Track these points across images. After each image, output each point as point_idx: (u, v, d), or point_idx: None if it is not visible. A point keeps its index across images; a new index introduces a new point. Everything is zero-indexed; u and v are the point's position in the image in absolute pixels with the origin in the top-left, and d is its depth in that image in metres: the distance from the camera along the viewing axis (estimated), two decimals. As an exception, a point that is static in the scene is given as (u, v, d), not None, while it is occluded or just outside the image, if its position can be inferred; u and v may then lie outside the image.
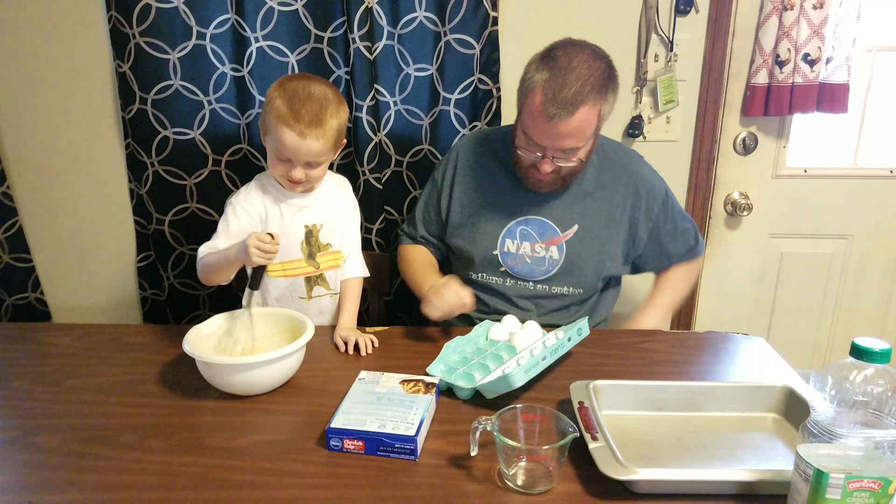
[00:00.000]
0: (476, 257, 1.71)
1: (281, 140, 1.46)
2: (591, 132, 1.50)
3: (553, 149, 1.50)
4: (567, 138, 1.47)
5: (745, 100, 2.16)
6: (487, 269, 1.71)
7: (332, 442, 1.14)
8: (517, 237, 1.68)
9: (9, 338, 1.61)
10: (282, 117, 1.45)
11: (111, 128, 2.13)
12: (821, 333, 2.46)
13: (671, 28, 2.06)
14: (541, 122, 1.46)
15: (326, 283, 1.68)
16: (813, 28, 1.99)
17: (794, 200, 2.30)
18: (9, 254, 2.18)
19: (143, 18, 1.91)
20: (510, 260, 1.69)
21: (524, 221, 1.68)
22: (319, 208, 1.63)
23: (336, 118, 1.50)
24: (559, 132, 1.46)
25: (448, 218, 1.77)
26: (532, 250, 1.68)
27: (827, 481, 0.87)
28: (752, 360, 1.50)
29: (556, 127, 1.45)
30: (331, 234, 1.65)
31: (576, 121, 1.44)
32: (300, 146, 1.46)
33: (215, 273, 1.51)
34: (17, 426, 1.22)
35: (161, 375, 1.41)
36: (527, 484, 1.05)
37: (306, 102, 1.45)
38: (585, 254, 1.67)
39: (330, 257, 1.66)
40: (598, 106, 1.46)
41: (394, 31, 1.97)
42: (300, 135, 1.45)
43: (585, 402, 1.18)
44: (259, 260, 1.38)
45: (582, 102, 1.43)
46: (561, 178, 1.59)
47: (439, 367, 1.41)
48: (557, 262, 1.67)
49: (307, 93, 1.47)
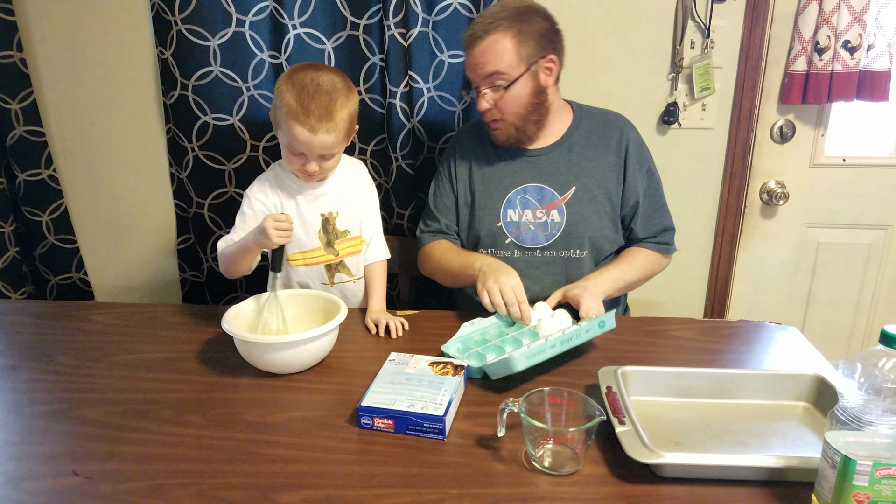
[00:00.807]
0: (482, 232, 1.75)
1: (293, 136, 1.46)
2: (510, 59, 1.59)
3: (480, 79, 1.63)
4: (485, 63, 1.60)
5: (782, 87, 2.13)
6: (495, 242, 1.74)
7: (362, 420, 1.16)
8: (518, 206, 1.72)
9: (54, 316, 1.66)
10: (292, 112, 1.44)
11: (153, 113, 2.18)
12: (857, 325, 2.42)
13: (708, 14, 2.03)
14: (466, 54, 1.64)
15: (348, 269, 1.69)
16: (854, 14, 1.95)
17: (831, 190, 2.26)
18: (54, 235, 2.25)
19: (185, 6, 1.95)
20: (514, 229, 1.72)
21: (522, 189, 1.73)
22: (335, 196, 1.63)
23: (346, 108, 1.49)
24: (475, 56, 1.61)
25: (456, 201, 1.81)
26: (534, 217, 1.72)
27: (854, 468, 0.86)
28: (785, 350, 1.49)
29: (472, 52, 1.61)
30: (348, 221, 1.66)
31: (487, 44, 1.58)
32: (312, 141, 1.46)
33: (235, 264, 1.54)
34: (62, 399, 1.28)
35: (199, 353, 1.45)
36: (553, 466, 1.06)
37: (315, 96, 1.45)
38: (586, 213, 1.71)
39: (349, 244, 1.67)
40: (509, 34, 1.58)
41: (428, 17, 1.98)
42: (311, 130, 1.45)
43: (613, 387, 1.18)
44: (279, 239, 1.41)
45: (492, 30, 1.58)
46: (513, 127, 1.68)
47: (455, 345, 1.43)
48: (560, 225, 1.71)
49: (315, 85, 1.46)
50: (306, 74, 1.48)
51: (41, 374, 1.37)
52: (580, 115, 1.77)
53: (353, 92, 1.53)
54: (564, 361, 1.40)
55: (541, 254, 1.73)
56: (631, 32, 2.07)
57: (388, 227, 2.21)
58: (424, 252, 1.85)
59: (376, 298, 1.67)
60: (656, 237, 1.79)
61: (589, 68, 2.09)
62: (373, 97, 2.08)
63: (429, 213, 1.86)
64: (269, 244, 1.42)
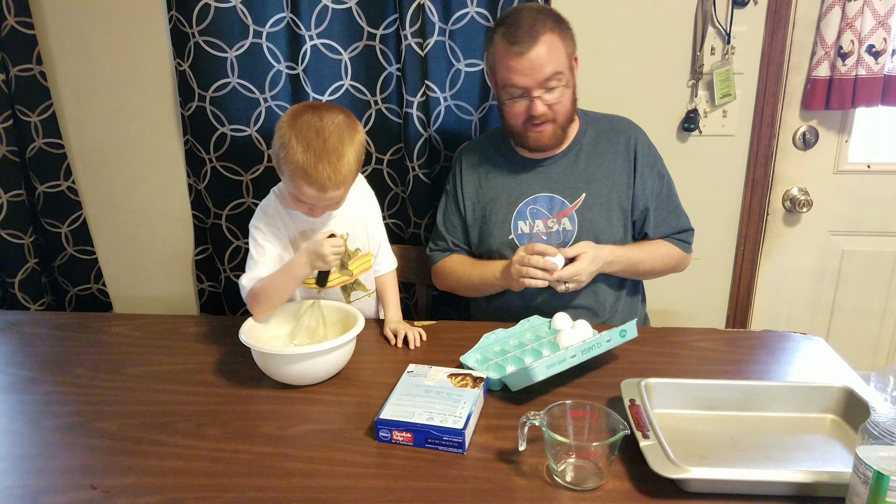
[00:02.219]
0: (493, 247, 1.74)
1: (301, 192, 1.40)
2: (562, 58, 1.59)
3: (536, 84, 1.58)
4: (543, 66, 1.56)
5: (805, 93, 2.10)
6: (507, 256, 1.71)
7: (381, 433, 1.15)
8: (528, 217, 1.71)
9: (72, 327, 1.67)
10: (299, 171, 1.36)
11: (171, 125, 2.19)
12: (884, 335, 2.37)
13: (728, 20, 2.01)
14: (514, 63, 1.57)
15: (363, 285, 1.68)
16: (878, 19, 1.92)
17: (856, 197, 2.23)
18: (73, 246, 2.26)
19: (203, 18, 1.96)
20: (526, 241, 1.70)
21: (532, 200, 1.71)
22: (344, 218, 1.58)
23: (353, 154, 1.41)
24: (532, 62, 1.55)
25: (465, 218, 1.80)
26: (545, 226, 1.70)
27: (887, 484, 0.84)
28: (811, 361, 1.46)
29: (527, 59, 1.55)
30: (358, 239, 1.62)
31: (542, 46, 1.55)
32: (321, 198, 1.41)
33: (278, 294, 1.45)
34: (80, 412, 1.27)
35: (217, 365, 1.45)
36: (576, 480, 1.04)
37: (323, 156, 1.35)
38: (597, 220, 1.69)
39: (361, 261, 1.64)
40: (556, 33, 1.57)
41: (445, 27, 1.97)
42: (321, 189, 1.38)
43: (637, 399, 1.16)
44: (335, 260, 1.40)
45: (540, 32, 1.55)
46: (559, 127, 1.65)
47: (474, 357, 1.41)
48: (572, 233, 1.70)
49: (322, 140, 1.36)
50: (310, 123, 1.37)
51: (59, 386, 1.37)
52: (586, 121, 1.76)
53: (357, 130, 1.44)
54: (585, 373, 1.38)
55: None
56: (650, 39, 2.05)
57: (405, 237, 2.20)
58: (438, 269, 1.85)
59: (392, 309, 1.66)
60: (675, 236, 1.79)
61: (608, 75, 2.08)
62: (389, 107, 2.07)
63: (437, 232, 1.86)
64: (324, 267, 1.41)
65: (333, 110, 1.43)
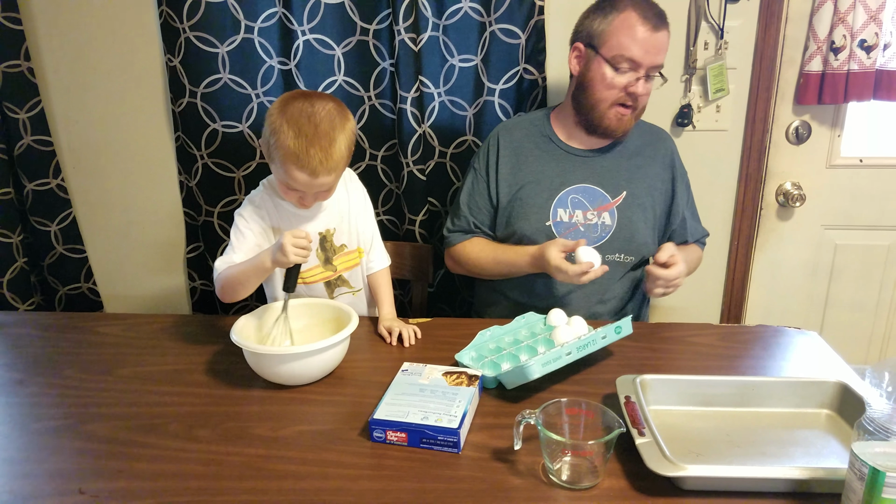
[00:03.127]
0: (528, 230, 1.71)
1: (292, 177, 1.40)
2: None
3: (649, 65, 1.59)
4: (661, 51, 1.60)
5: (798, 88, 2.10)
6: (541, 242, 1.67)
7: (375, 433, 1.14)
8: (569, 206, 1.70)
9: (62, 327, 1.65)
10: (290, 156, 1.37)
11: (162, 121, 2.17)
12: (877, 328, 2.38)
13: (721, 15, 2.01)
14: (644, 35, 1.57)
15: (348, 282, 1.66)
16: (870, 13, 1.92)
17: (849, 191, 2.23)
18: (63, 245, 2.24)
19: (193, 13, 1.94)
20: (563, 229, 1.69)
21: (574, 190, 1.70)
22: (331, 212, 1.59)
23: (344, 142, 1.42)
24: (657, 43, 1.59)
25: (497, 202, 1.77)
26: (585, 218, 1.70)
27: (883, 480, 0.85)
28: (805, 355, 1.46)
29: (655, 37, 1.57)
30: (345, 235, 1.62)
31: (665, 36, 1.60)
32: (312, 183, 1.41)
33: (242, 284, 1.44)
34: (69, 414, 1.26)
35: (208, 365, 1.43)
36: (572, 479, 1.04)
37: (314, 140, 1.36)
38: (636, 220, 1.70)
39: (347, 258, 1.63)
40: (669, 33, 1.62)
41: (438, 22, 1.96)
42: (312, 174, 1.39)
43: (632, 396, 1.16)
44: (296, 258, 1.34)
45: (667, 22, 1.60)
46: (634, 118, 1.67)
47: (469, 354, 1.40)
48: (611, 228, 1.69)
49: (313, 125, 1.37)
50: (301, 109, 1.39)
51: (48, 388, 1.35)
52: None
53: (348, 119, 1.45)
54: (581, 370, 1.37)
55: None
56: (643, 34, 2.04)
57: (400, 233, 2.19)
58: (456, 253, 1.83)
59: (386, 306, 1.65)
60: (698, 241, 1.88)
61: (600, 71, 2.07)
62: (383, 102, 2.06)
63: (457, 210, 1.83)
64: (285, 262, 1.35)
65: (324, 98, 1.44)
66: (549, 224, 1.70)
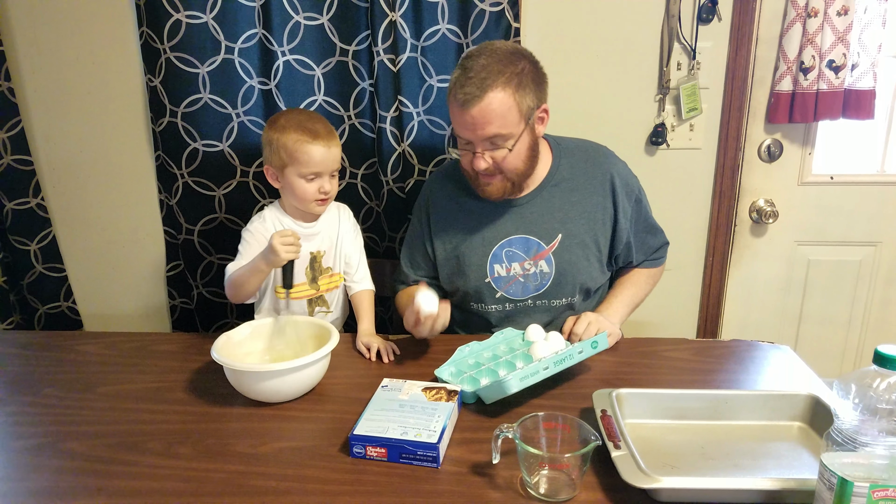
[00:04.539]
0: (470, 289, 1.69)
1: (310, 157, 1.56)
2: (512, 118, 1.47)
3: (479, 140, 1.50)
4: (485, 124, 1.46)
5: (769, 107, 2.15)
6: (482, 298, 1.69)
7: (355, 449, 1.15)
8: (504, 260, 1.66)
9: (41, 346, 1.64)
10: (301, 140, 1.55)
11: (142, 140, 2.17)
12: (849, 342, 2.42)
13: (693, 36, 2.05)
14: (457, 113, 1.49)
15: (326, 303, 1.74)
16: (837, 34, 1.97)
17: (820, 207, 2.27)
18: (42, 264, 2.23)
19: (174, 34, 1.95)
20: (503, 283, 1.67)
21: (507, 243, 1.65)
22: (324, 236, 1.70)
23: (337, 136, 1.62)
24: (474, 119, 1.46)
25: (434, 257, 1.74)
26: (522, 269, 1.66)
27: (851, 490, 0.86)
28: (778, 369, 1.49)
29: (469, 114, 1.45)
30: (332, 259, 1.72)
31: (487, 103, 1.44)
32: (328, 155, 1.57)
33: (244, 285, 1.56)
34: (48, 433, 1.25)
35: (189, 382, 1.44)
36: (549, 492, 1.05)
37: (314, 121, 1.58)
38: (575, 260, 1.65)
39: (330, 280, 1.73)
40: (509, 89, 1.45)
41: (417, 43, 1.99)
42: (325, 145, 1.57)
43: (608, 410, 1.18)
44: (287, 255, 1.44)
45: (489, 87, 1.43)
46: (509, 182, 1.57)
47: (449, 370, 1.42)
48: (550, 275, 1.65)
49: (307, 115, 1.61)
50: (290, 113, 1.62)
51: (27, 406, 1.35)
52: (559, 152, 1.68)
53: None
54: (558, 384, 1.39)
55: (532, 303, 1.68)
56: (618, 55, 2.08)
57: (380, 251, 2.21)
58: (397, 302, 1.85)
59: (366, 322, 1.67)
60: (650, 257, 1.80)
61: (576, 91, 2.10)
62: (363, 122, 2.08)
63: (400, 272, 1.82)
64: (277, 261, 1.46)
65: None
66: (487, 281, 1.67)
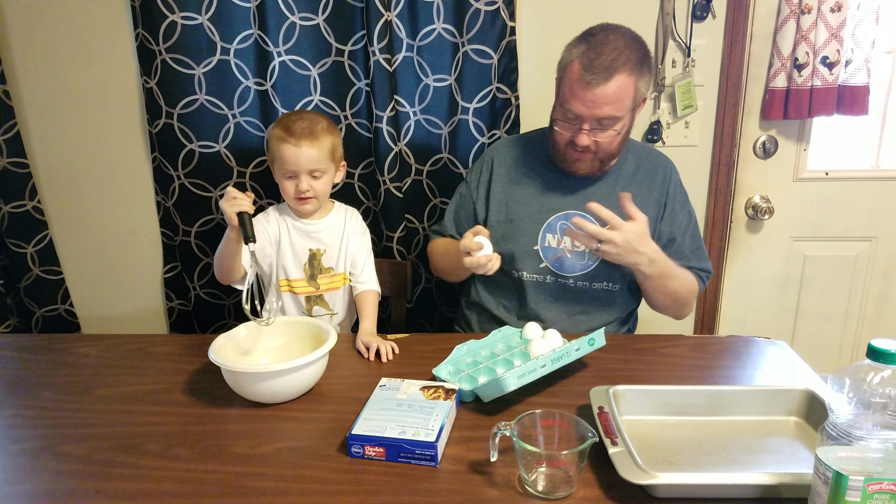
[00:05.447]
0: (517, 252, 1.71)
1: (282, 155, 1.62)
2: (628, 103, 1.52)
3: (590, 118, 1.53)
4: (604, 105, 1.50)
5: (764, 104, 2.15)
6: (528, 265, 1.70)
7: (353, 448, 1.15)
8: (557, 232, 1.69)
9: (38, 349, 1.64)
10: (279, 138, 1.62)
11: (138, 142, 2.17)
12: (846, 337, 2.43)
13: (688, 34, 2.06)
14: (578, 90, 1.51)
15: (326, 304, 1.75)
16: (831, 31, 1.98)
17: (816, 203, 2.28)
18: (39, 267, 2.23)
19: (169, 35, 1.95)
20: (551, 255, 1.69)
21: (564, 216, 1.68)
22: (325, 234, 1.73)
23: (329, 134, 1.65)
24: (596, 98, 1.49)
25: (486, 218, 1.77)
26: (572, 244, 1.68)
27: (846, 484, 0.86)
28: (775, 365, 1.49)
29: (592, 92, 1.49)
30: (334, 259, 1.74)
31: (612, 87, 1.48)
32: (299, 155, 1.60)
33: (222, 258, 1.56)
34: (46, 435, 1.25)
35: (187, 384, 1.44)
36: (547, 489, 1.05)
37: (297, 120, 1.62)
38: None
39: (330, 280, 1.74)
40: (633, 76, 1.50)
41: (413, 43, 1.99)
42: (296, 145, 1.60)
43: (605, 407, 1.18)
44: (235, 207, 1.41)
45: (618, 70, 1.48)
46: (598, 160, 1.61)
47: (447, 368, 1.42)
48: (598, 257, 1.66)
49: (298, 115, 1.66)
50: (291, 113, 1.69)
51: (25, 409, 1.35)
52: (626, 148, 1.71)
53: (336, 129, 1.70)
54: (556, 381, 1.39)
55: (573, 283, 1.69)
56: (613, 52, 2.08)
57: (378, 251, 2.20)
58: (428, 249, 1.89)
59: (368, 321, 1.68)
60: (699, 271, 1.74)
61: (572, 89, 2.10)
62: (359, 121, 2.08)
63: (441, 224, 1.88)
64: (231, 218, 1.42)
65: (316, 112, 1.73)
66: (536, 248, 1.70)
